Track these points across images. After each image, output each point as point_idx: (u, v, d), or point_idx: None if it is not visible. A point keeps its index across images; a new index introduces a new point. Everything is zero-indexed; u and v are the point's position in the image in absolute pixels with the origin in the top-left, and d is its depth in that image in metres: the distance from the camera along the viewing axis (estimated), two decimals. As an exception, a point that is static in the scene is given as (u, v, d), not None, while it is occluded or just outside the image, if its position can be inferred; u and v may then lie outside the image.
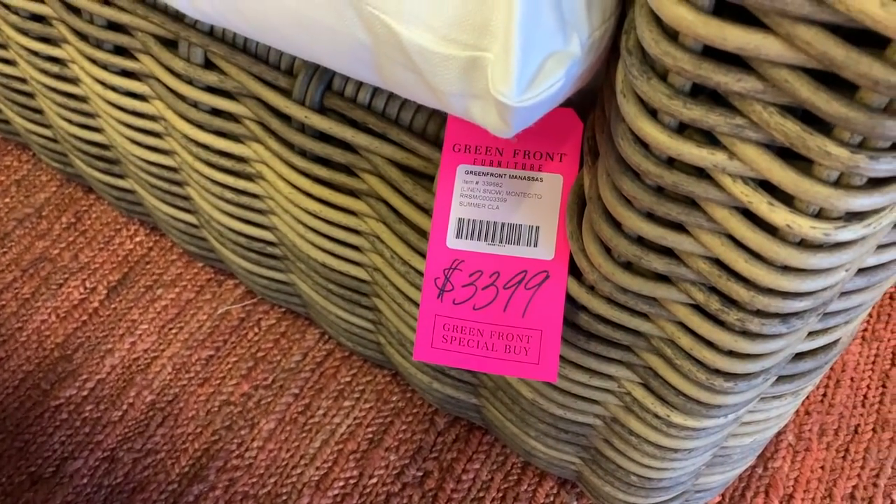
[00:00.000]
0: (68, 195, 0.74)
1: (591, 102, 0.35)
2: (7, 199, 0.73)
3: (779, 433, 0.61)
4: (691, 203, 0.28)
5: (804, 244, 0.27)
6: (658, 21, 0.24)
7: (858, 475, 0.60)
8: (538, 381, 0.43)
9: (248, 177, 0.49)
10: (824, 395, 0.63)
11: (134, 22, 0.45)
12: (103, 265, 0.69)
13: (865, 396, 0.63)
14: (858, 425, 0.62)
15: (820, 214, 0.26)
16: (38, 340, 0.65)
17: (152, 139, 0.53)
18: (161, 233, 0.71)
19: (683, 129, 0.26)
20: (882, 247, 0.30)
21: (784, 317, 0.31)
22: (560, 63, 0.26)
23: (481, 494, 0.58)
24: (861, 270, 0.31)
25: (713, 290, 0.31)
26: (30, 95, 0.61)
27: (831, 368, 0.65)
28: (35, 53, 0.54)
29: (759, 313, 0.30)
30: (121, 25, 0.47)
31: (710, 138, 0.26)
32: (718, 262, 0.30)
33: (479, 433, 0.61)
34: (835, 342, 0.37)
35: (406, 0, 0.27)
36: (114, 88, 0.51)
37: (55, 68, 0.54)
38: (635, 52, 0.26)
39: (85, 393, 0.62)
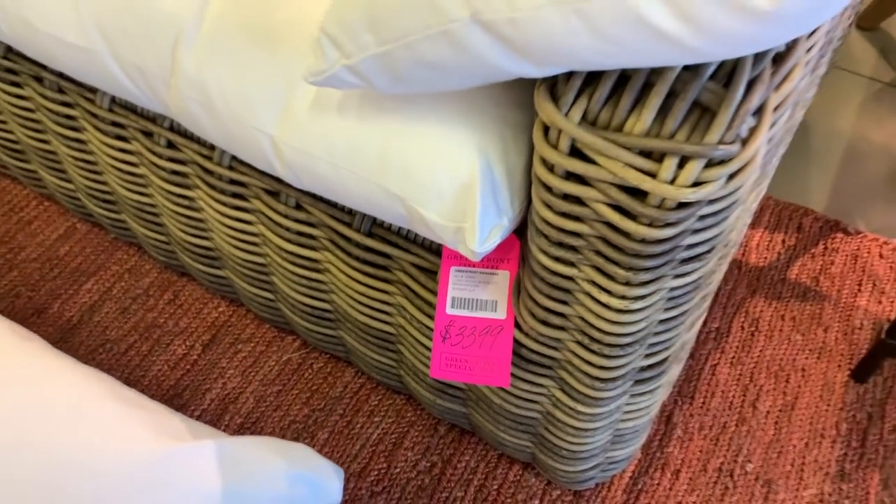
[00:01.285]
0: (166, 279, 1.02)
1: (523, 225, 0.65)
2: (122, 284, 1.02)
3: (672, 428, 0.90)
4: (568, 291, 0.58)
5: (619, 311, 0.56)
6: (540, 216, 0.53)
7: (724, 455, 0.88)
8: (500, 388, 0.71)
9: (318, 270, 0.78)
10: (703, 402, 0.92)
11: (250, 182, 0.75)
12: (197, 329, 0.97)
13: (731, 403, 0.92)
14: (726, 423, 0.91)
15: (623, 297, 0.55)
16: (157, 384, 0.93)
17: (251, 247, 0.82)
18: (239, 304, 0.99)
19: (558, 259, 0.56)
20: (666, 309, 0.59)
21: (622, 346, 0.60)
22: (499, 230, 0.55)
23: (471, 477, 0.86)
24: (660, 321, 0.60)
25: (585, 333, 0.60)
26: (156, 215, 0.90)
27: (708, 384, 0.94)
28: (171, 193, 0.83)
29: (609, 345, 0.60)
30: (241, 182, 0.76)
31: (571, 263, 0.55)
32: (585, 320, 0.59)
33: (469, 436, 0.89)
34: (664, 359, 0.66)
35: (428, 198, 0.56)
36: (228, 216, 0.80)
37: (185, 202, 0.83)
38: (533, 224, 0.55)
39: (194, 420, 0.90)
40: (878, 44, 1.35)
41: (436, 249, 0.69)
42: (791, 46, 0.51)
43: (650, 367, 0.66)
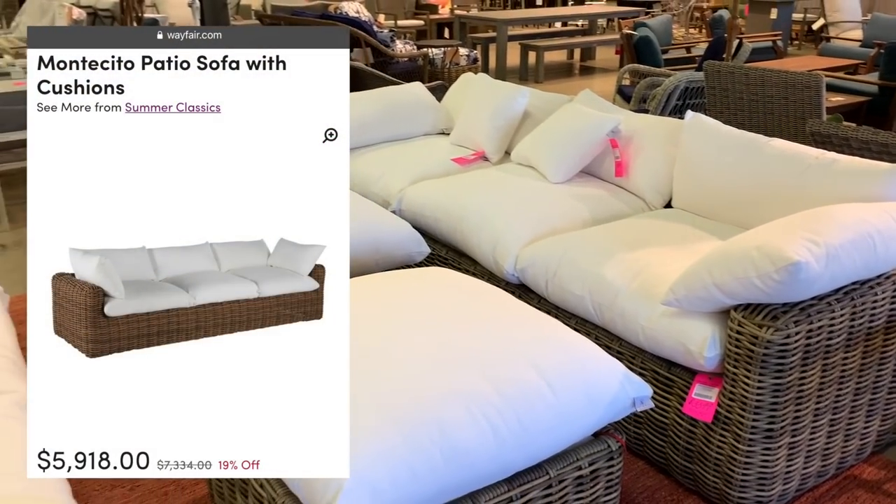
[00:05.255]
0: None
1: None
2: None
3: (796, 520, 1.82)
4: (735, 381, 1.72)
5: (753, 390, 1.68)
6: (728, 347, 1.72)
7: (821, 534, 1.78)
8: (708, 438, 1.80)
9: (642, 393, 1.97)
10: (816, 516, 1.84)
11: (625, 351, 2.01)
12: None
13: (832, 520, 1.82)
14: (826, 525, 1.81)
15: (753, 382, 1.68)
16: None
17: (615, 384, 2.04)
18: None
19: (734, 364, 1.72)
20: (773, 396, 1.69)
21: (756, 409, 1.69)
22: (716, 357, 1.73)
23: (690, 508, 1.87)
24: (771, 402, 1.69)
25: (742, 402, 1.71)
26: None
27: (821, 509, 1.85)
28: (587, 361, 2.11)
29: (751, 407, 1.70)
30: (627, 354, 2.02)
31: (735, 366, 1.71)
32: (741, 393, 1.71)
33: (694, 493, 1.90)
34: (781, 426, 1.71)
35: (692, 342, 1.78)
36: (609, 370, 2.05)
37: (592, 365, 2.11)
38: (726, 354, 1.73)
39: None
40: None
41: (689, 378, 1.85)
42: (821, 310, 1.69)
43: (771, 429, 1.71)
